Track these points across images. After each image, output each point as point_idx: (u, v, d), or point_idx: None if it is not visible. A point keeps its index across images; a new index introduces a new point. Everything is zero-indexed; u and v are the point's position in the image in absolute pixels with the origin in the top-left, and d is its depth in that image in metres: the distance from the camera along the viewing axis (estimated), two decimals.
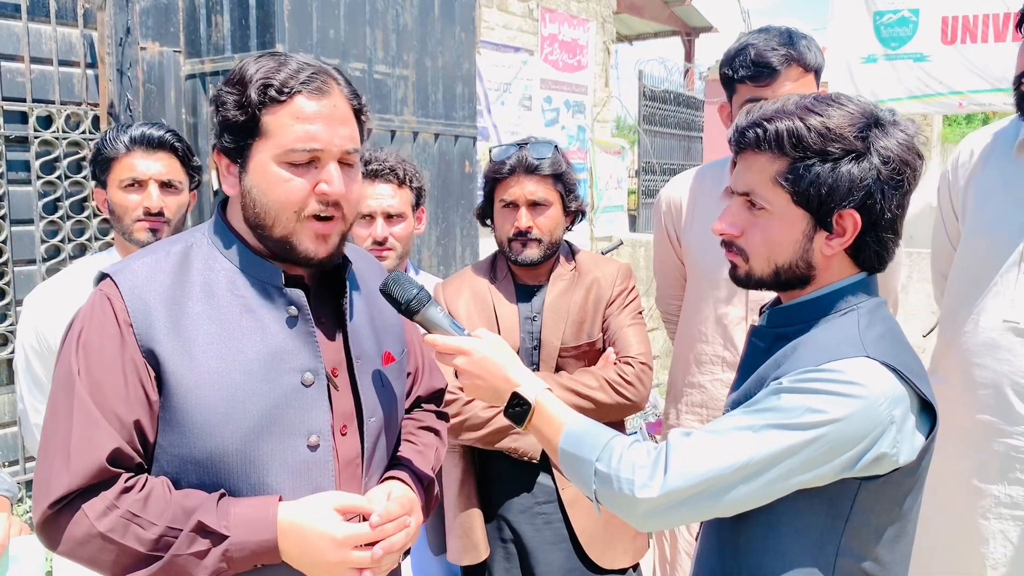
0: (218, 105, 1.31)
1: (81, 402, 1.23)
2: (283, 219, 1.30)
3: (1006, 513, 2.03)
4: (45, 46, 3.42)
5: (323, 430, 1.34)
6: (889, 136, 1.28)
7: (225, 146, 1.32)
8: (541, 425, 1.43)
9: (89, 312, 1.28)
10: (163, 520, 1.22)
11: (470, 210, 4.39)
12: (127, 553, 1.21)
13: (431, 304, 1.47)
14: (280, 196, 1.29)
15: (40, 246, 3.42)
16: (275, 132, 1.28)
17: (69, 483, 1.21)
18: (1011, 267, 2.01)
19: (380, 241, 2.22)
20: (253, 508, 1.26)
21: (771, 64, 2.11)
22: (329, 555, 1.27)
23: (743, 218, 1.37)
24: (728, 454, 1.25)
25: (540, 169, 2.15)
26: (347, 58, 3.68)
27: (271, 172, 1.29)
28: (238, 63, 1.33)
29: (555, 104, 6.91)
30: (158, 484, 1.25)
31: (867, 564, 1.31)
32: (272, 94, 1.27)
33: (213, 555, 1.22)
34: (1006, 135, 2.15)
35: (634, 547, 2.22)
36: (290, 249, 1.32)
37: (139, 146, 2.08)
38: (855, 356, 1.25)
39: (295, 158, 1.28)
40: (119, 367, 1.24)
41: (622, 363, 2.15)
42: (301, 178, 1.30)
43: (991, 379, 2.01)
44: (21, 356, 2.15)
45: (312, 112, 1.29)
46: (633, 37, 12.69)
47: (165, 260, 1.32)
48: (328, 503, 1.30)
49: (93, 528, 1.20)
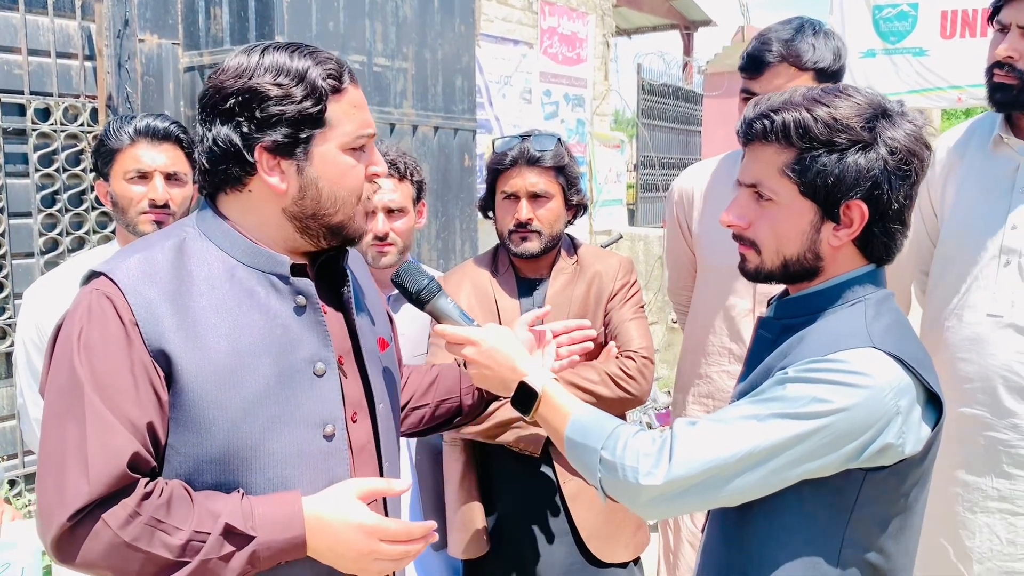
0: (261, 99, 1.24)
1: (93, 407, 1.18)
2: (348, 205, 1.33)
3: (993, 506, 2.04)
4: (43, 38, 3.40)
5: (337, 419, 1.33)
6: (897, 127, 1.28)
7: (279, 142, 1.26)
8: (547, 414, 1.45)
9: (86, 313, 1.22)
10: (189, 524, 1.18)
11: (470, 204, 4.37)
12: (153, 561, 1.18)
13: (441, 294, 1.50)
14: (351, 183, 1.33)
15: (38, 239, 3.40)
16: (340, 121, 1.30)
17: (90, 492, 1.15)
18: (991, 260, 2.02)
19: (381, 236, 2.20)
20: (277, 506, 1.24)
21: (762, 59, 2.13)
22: (360, 545, 1.26)
23: (751, 209, 1.37)
24: (733, 443, 1.25)
25: (542, 161, 2.14)
26: (346, 50, 3.67)
27: (340, 161, 1.31)
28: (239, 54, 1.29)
29: (554, 97, 6.89)
30: (177, 487, 1.22)
31: (872, 555, 1.31)
32: (334, 84, 1.28)
33: (240, 557, 1.20)
34: (981, 130, 2.16)
35: (635, 541, 2.22)
36: (345, 231, 1.35)
37: (144, 137, 2.06)
38: (862, 346, 1.25)
39: (359, 143, 1.32)
40: (127, 369, 1.20)
41: (624, 357, 2.14)
42: (360, 163, 1.34)
43: (977, 373, 2.02)
44: (21, 351, 2.13)
45: (360, 100, 1.34)
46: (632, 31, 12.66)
47: (161, 255, 1.27)
48: (350, 492, 1.29)
49: (117, 538, 1.16)
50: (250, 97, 1.24)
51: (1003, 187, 2.05)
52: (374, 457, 1.42)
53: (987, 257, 2.03)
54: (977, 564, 2.07)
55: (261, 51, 1.28)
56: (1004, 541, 2.03)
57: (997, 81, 2.01)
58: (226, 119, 1.26)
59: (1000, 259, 2.01)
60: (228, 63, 1.28)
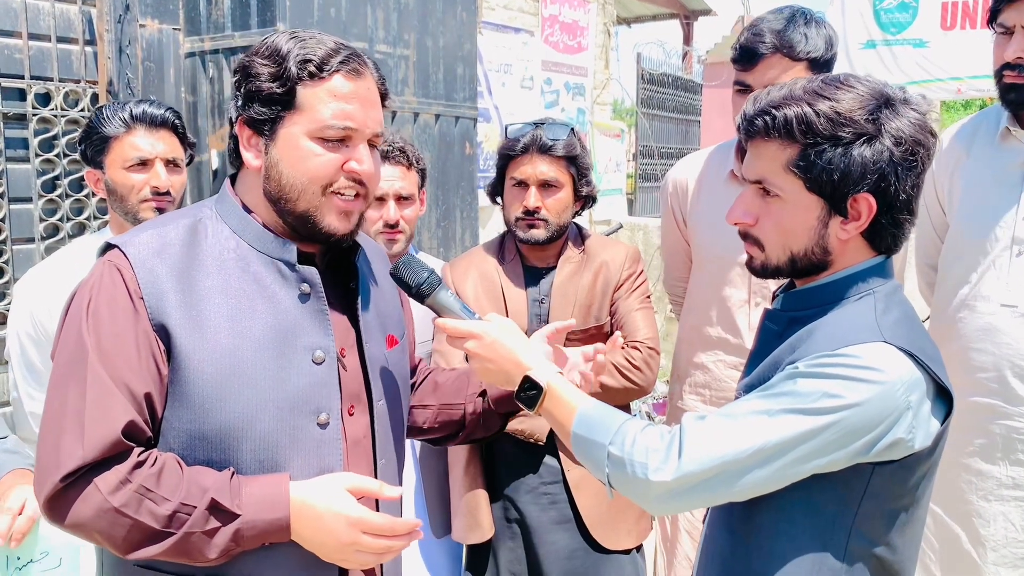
0: (247, 75, 1.31)
1: (95, 373, 1.21)
2: (309, 193, 1.31)
3: (1008, 495, 2.06)
4: (43, 22, 3.38)
5: (333, 408, 1.34)
6: (900, 116, 1.27)
7: (253, 117, 1.31)
8: (553, 409, 1.43)
9: (98, 282, 1.26)
10: (177, 496, 1.21)
11: (470, 192, 4.36)
12: (139, 528, 1.20)
13: (441, 288, 1.47)
14: (310, 170, 1.31)
15: (39, 224, 3.39)
16: (310, 107, 1.30)
17: (83, 456, 1.18)
18: (1003, 251, 2.04)
19: (392, 224, 2.19)
20: (265, 487, 1.26)
21: (755, 51, 2.12)
22: (342, 535, 1.27)
23: (757, 206, 1.36)
24: (743, 438, 1.25)
25: (554, 150, 2.13)
26: (348, 37, 3.64)
27: (303, 146, 1.30)
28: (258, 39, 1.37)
29: (555, 86, 6.86)
30: (170, 459, 1.24)
31: (879, 549, 1.31)
32: (312, 70, 1.29)
33: (224, 533, 1.22)
34: (987, 124, 2.17)
35: (638, 528, 2.23)
36: (312, 224, 1.33)
37: (141, 124, 2.04)
38: (872, 341, 1.25)
39: (329, 134, 1.30)
40: (131, 339, 1.23)
41: (630, 347, 2.15)
42: (333, 154, 1.31)
43: (991, 363, 2.03)
44: (15, 343, 2.06)
45: (348, 92, 1.31)
46: (632, 19, 12.61)
47: (174, 233, 1.31)
48: (340, 483, 1.30)
49: (106, 502, 1.19)
50: (243, 74, 1.33)
51: (1013, 179, 2.06)
52: (369, 452, 1.43)
53: (999, 248, 2.04)
54: (992, 552, 2.09)
55: (276, 36, 1.33)
56: (1019, 528, 2.05)
57: (1009, 82, 2.03)
58: (234, 93, 1.36)
59: (1012, 249, 2.03)
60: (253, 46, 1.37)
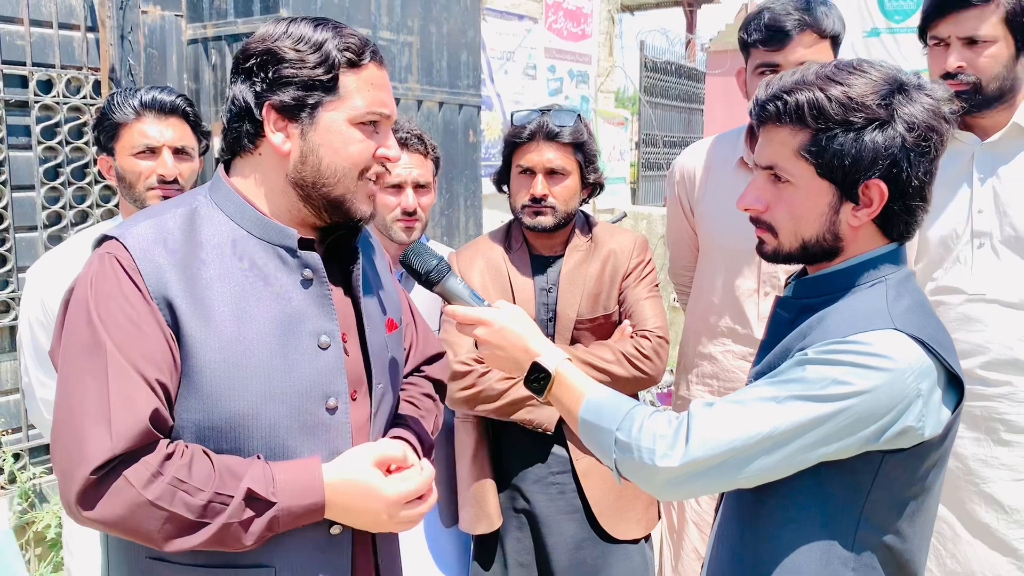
0: (278, 60, 1.29)
1: (116, 362, 1.19)
2: (348, 178, 1.33)
3: (994, 475, 2.11)
4: (45, 9, 3.36)
5: (341, 393, 1.35)
6: (914, 102, 1.25)
7: (286, 103, 1.30)
8: (561, 395, 1.43)
9: (99, 274, 1.24)
10: (210, 486, 1.20)
11: (474, 180, 4.35)
12: (174, 521, 1.18)
13: (451, 275, 1.48)
14: (352, 155, 1.33)
15: (41, 212, 3.38)
16: (352, 94, 1.31)
17: (113, 447, 1.16)
18: (966, 245, 2.13)
19: (410, 212, 2.16)
20: (298, 472, 1.26)
21: (784, 28, 2.10)
22: (379, 510, 1.32)
23: (768, 192, 1.35)
24: (751, 424, 1.24)
25: (560, 137, 2.12)
26: (351, 23, 3.60)
27: (346, 132, 1.32)
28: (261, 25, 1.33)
29: (559, 73, 6.83)
30: (197, 450, 1.23)
31: (888, 537, 1.31)
32: (351, 58, 1.31)
33: (260, 522, 1.22)
34: None
35: (646, 518, 2.23)
36: (345, 208, 1.35)
37: (150, 111, 2.03)
38: (883, 328, 1.24)
39: (369, 120, 1.33)
40: (144, 329, 1.22)
41: (639, 336, 2.14)
42: (370, 140, 1.34)
43: (968, 350, 2.09)
44: (26, 329, 2.09)
45: (380, 80, 1.35)
46: (635, 7, 12.53)
47: (172, 222, 1.30)
48: (367, 458, 1.32)
49: (140, 496, 1.16)
50: (268, 58, 1.29)
51: (962, 176, 2.14)
52: (368, 437, 1.43)
53: (961, 243, 2.13)
54: (982, 531, 2.12)
55: (289, 22, 1.32)
56: (1008, 508, 2.10)
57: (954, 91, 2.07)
58: (245, 78, 1.32)
59: (973, 242, 2.12)
60: (258, 30, 1.34)
